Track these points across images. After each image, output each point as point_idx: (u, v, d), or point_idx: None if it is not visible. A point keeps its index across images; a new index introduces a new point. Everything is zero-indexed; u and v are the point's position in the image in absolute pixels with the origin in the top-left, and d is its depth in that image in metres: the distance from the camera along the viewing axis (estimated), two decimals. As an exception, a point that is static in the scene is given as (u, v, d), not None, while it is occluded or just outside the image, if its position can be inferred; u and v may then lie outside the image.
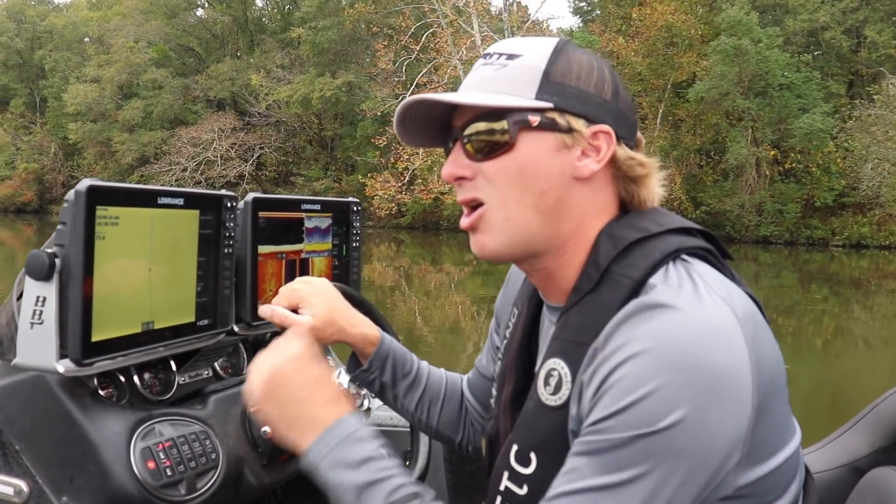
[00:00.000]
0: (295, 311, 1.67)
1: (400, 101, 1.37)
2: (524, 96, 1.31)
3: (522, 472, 1.30)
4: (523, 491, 1.28)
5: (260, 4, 58.47)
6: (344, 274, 2.45)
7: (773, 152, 34.87)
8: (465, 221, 1.38)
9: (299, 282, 1.74)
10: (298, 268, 2.25)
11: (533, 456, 1.29)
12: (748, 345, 1.12)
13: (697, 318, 1.12)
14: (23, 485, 1.70)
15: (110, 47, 53.99)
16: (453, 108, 1.40)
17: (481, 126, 1.33)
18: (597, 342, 1.19)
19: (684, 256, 1.27)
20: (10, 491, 1.70)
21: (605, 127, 1.33)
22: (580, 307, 1.30)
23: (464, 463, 2.53)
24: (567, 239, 1.34)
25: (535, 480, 1.26)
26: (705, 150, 37.74)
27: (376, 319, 1.87)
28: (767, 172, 35.02)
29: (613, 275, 1.27)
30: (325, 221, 2.36)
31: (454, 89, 1.46)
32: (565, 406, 1.25)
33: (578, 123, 1.31)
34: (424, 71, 39.53)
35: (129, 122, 51.47)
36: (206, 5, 56.61)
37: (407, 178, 38.70)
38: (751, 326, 1.16)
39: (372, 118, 42.41)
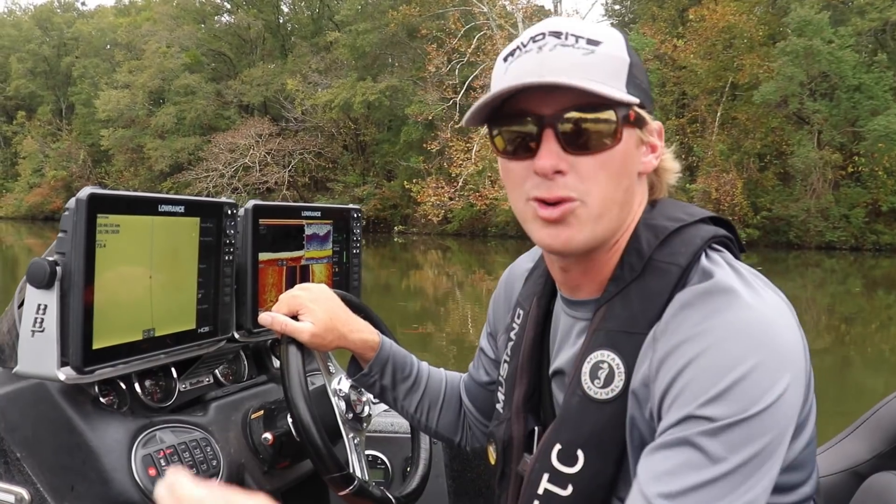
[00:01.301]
0: (295, 317, 1.73)
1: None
2: (619, 88, 1.29)
3: (567, 472, 1.31)
4: (567, 492, 1.30)
5: (285, 9, 58.42)
6: (344, 281, 2.52)
7: (835, 155, 34.36)
8: (548, 213, 1.31)
9: (299, 288, 1.79)
10: (299, 275, 2.31)
11: (580, 454, 1.30)
12: (797, 325, 1.23)
13: (763, 302, 1.20)
14: (24, 492, 1.74)
15: (141, 53, 54.45)
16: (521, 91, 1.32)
17: (586, 116, 1.28)
18: (656, 329, 1.23)
19: (715, 245, 1.33)
20: (11, 499, 1.75)
21: (660, 123, 1.39)
22: (624, 297, 1.32)
23: (465, 469, 2.58)
24: (623, 232, 1.37)
25: (581, 479, 1.28)
26: (765, 154, 37.39)
27: (376, 324, 1.92)
28: (831, 176, 34.58)
29: (658, 263, 1.31)
30: (325, 228, 2.42)
31: None
32: (618, 399, 1.27)
33: (648, 119, 1.35)
34: (477, 73, 39.35)
35: (162, 129, 51.75)
36: (237, 10, 56.61)
37: (460, 184, 38.48)
38: (792, 309, 1.26)
39: (416, 122, 42.15)
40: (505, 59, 1.35)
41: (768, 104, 35.03)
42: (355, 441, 1.85)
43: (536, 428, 1.50)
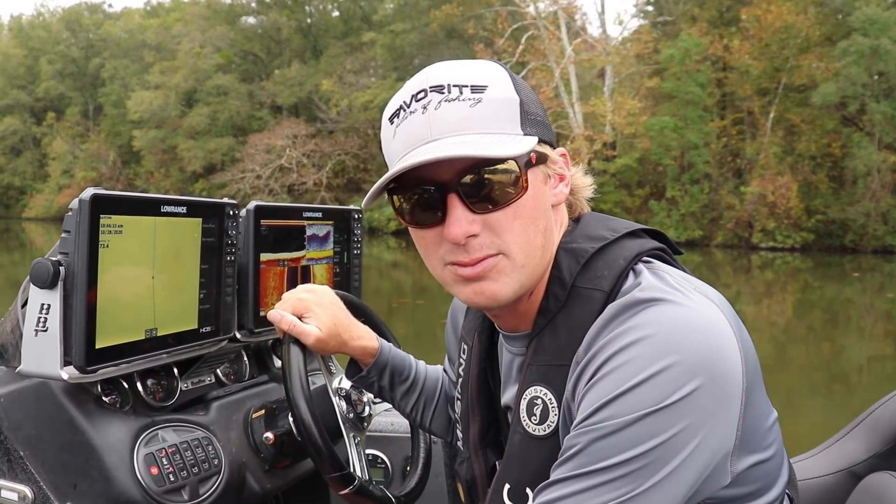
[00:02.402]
0: (299, 318, 1.79)
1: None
2: (514, 132, 1.30)
3: None
4: None
5: (309, 10, 58.72)
6: (345, 281, 2.58)
7: (893, 158, 33.88)
8: (468, 271, 1.31)
9: (305, 290, 1.85)
10: (300, 275, 2.38)
11: (529, 492, 1.32)
12: (733, 331, 1.22)
13: (686, 307, 1.20)
14: (27, 490, 1.80)
15: (174, 53, 55.05)
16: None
17: (488, 173, 1.27)
18: (577, 355, 1.25)
19: (645, 258, 1.34)
20: (14, 497, 1.81)
21: (563, 150, 1.40)
22: (552, 329, 1.34)
23: None
24: (546, 268, 1.38)
25: None
26: (820, 156, 36.93)
27: (376, 326, 2.01)
28: (889, 179, 33.94)
29: (581, 290, 1.32)
30: (326, 229, 2.48)
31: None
32: (556, 433, 1.30)
33: (549, 151, 1.36)
34: (524, 72, 39.33)
35: (195, 129, 52.14)
36: (268, 11, 57.00)
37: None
38: (730, 314, 1.26)
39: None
40: (391, 121, 1.35)
41: (825, 105, 34.59)
42: (356, 440, 1.90)
43: (497, 462, 1.52)
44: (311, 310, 1.79)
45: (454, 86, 1.28)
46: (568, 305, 1.33)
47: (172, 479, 1.86)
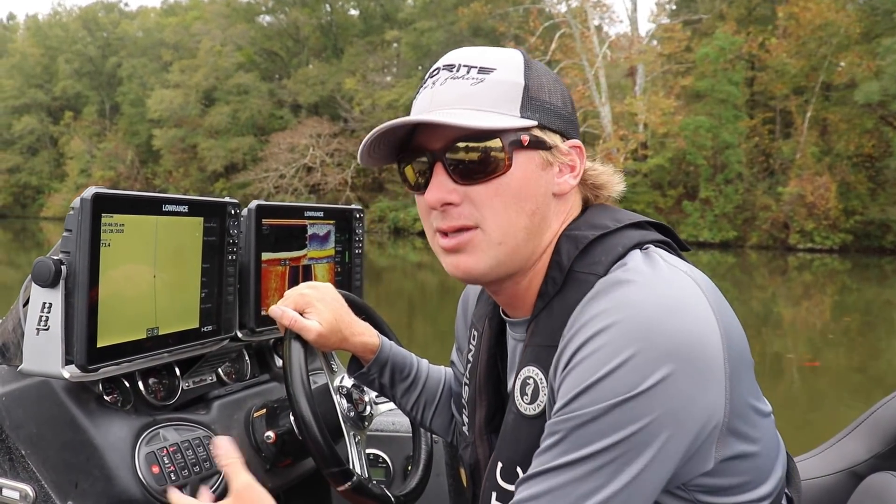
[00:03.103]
0: (301, 314, 1.84)
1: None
2: (510, 114, 1.37)
3: (511, 490, 1.38)
4: None
5: (328, 8, 59.00)
6: (346, 280, 2.62)
7: None
8: (446, 242, 1.41)
9: (307, 286, 1.91)
10: (301, 274, 2.42)
11: (519, 471, 1.37)
12: (714, 312, 1.24)
13: (659, 288, 1.24)
14: (28, 489, 1.83)
15: (193, 52, 55.55)
16: (415, 127, 1.43)
17: (471, 147, 1.36)
18: (563, 335, 1.29)
19: (646, 247, 1.38)
20: (15, 495, 1.84)
21: (578, 142, 1.45)
22: (548, 311, 1.39)
23: None
24: (541, 253, 1.44)
25: None
26: (858, 156, 36.76)
27: (378, 325, 2.05)
28: None
29: (577, 274, 1.37)
30: (327, 228, 2.53)
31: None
32: (543, 413, 1.35)
33: (556, 140, 1.41)
34: (556, 70, 39.35)
35: (215, 128, 52.47)
36: (290, 9, 57.33)
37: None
38: (714, 296, 1.28)
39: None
40: (415, 98, 1.45)
41: (866, 104, 34.39)
42: (356, 439, 1.94)
43: None
44: (312, 305, 1.84)
45: (464, 65, 1.39)
46: (564, 289, 1.38)
47: (174, 477, 1.89)
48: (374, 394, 2.11)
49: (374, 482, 1.84)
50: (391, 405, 2.28)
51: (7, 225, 58.59)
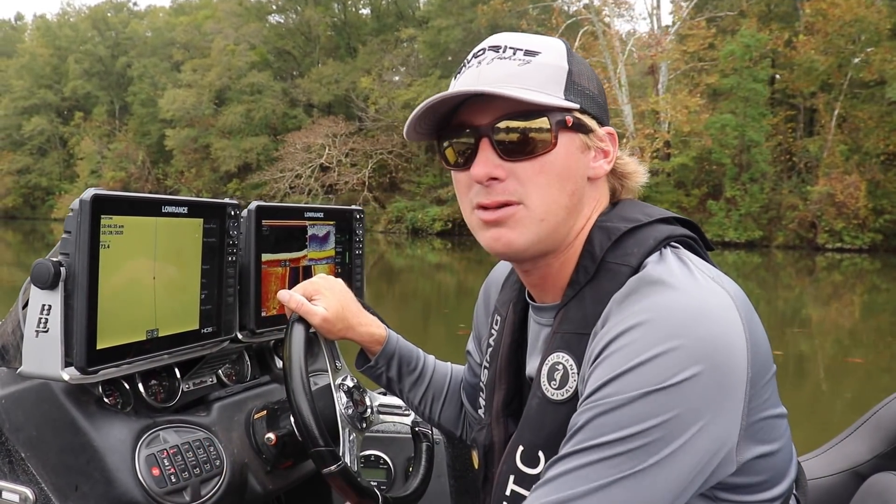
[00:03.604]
0: (310, 301, 1.91)
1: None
2: (555, 95, 1.43)
3: (531, 473, 1.43)
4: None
5: (338, 7, 59.15)
6: (346, 281, 2.56)
7: None
8: (488, 215, 1.45)
9: (318, 277, 1.99)
10: (301, 275, 2.45)
11: (541, 455, 1.42)
12: (742, 320, 1.28)
13: (694, 293, 1.28)
14: (28, 492, 1.86)
15: (205, 51, 55.79)
16: (460, 103, 1.48)
17: (519, 124, 1.42)
18: (596, 326, 1.35)
19: (673, 243, 1.43)
20: (15, 498, 1.87)
21: (612, 129, 1.52)
22: (579, 299, 1.45)
23: (467, 468, 2.67)
24: (575, 236, 1.49)
25: None
26: (888, 155, 36.60)
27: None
28: None
29: (610, 265, 1.43)
30: (328, 229, 2.56)
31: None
32: (572, 399, 1.39)
33: (594, 125, 1.48)
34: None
35: (229, 128, 52.59)
36: (303, 8, 57.51)
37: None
38: (743, 305, 1.33)
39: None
40: (455, 77, 1.50)
41: (895, 102, 34.20)
42: (351, 436, 1.95)
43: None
44: (320, 292, 1.92)
45: (510, 47, 1.45)
46: (596, 278, 1.44)
47: (174, 480, 1.91)
48: (377, 401, 2.14)
49: (364, 479, 1.85)
50: (392, 408, 2.31)
51: (17, 226, 58.83)
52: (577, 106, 1.44)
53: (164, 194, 8.09)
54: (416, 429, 2.27)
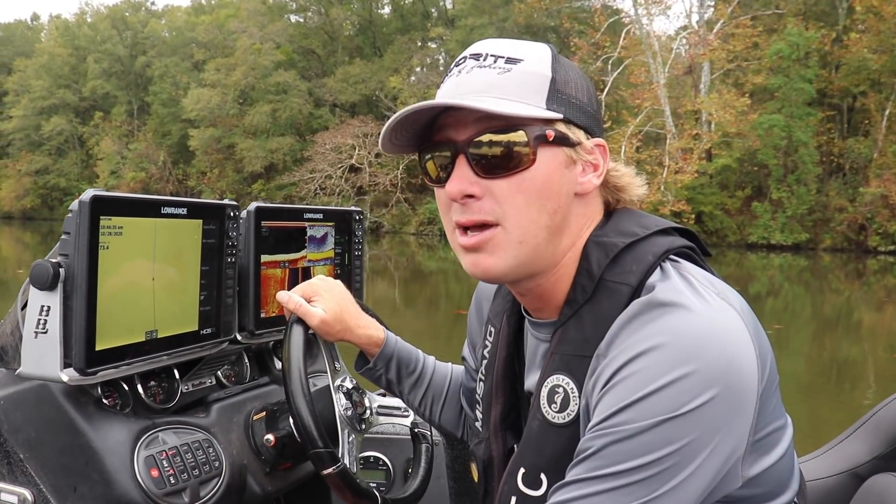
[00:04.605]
0: (308, 302, 1.96)
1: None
2: (535, 105, 1.41)
3: (532, 495, 1.45)
4: None
5: (358, 6, 59.31)
6: (346, 282, 2.61)
7: None
8: (465, 240, 1.44)
9: (317, 278, 2.05)
10: (301, 276, 2.51)
11: (543, 478, 1.44)
12: (751, 337, 1.31)
13: (704, 314, 1.29)
14: (27, 493, 1.91)
15: (226, 50, 56.04)
16: (438, 115, 1.46)
17: (496, 138, 1.39)
18: (599, 349, 1.35)
19: (672, 256, 1.44)
20: (14, 499, 1.91)
21: (602, 140, 1.51)
22: (577, 319, 1.45)
23: (466, 470, 2.70)
24: (563, 255, 1.49)
25: (546, 502, 1.35)
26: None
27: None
28: None
29: (609, 283, 1.43)
30: (327, 230, 2.62)
31: None
32: (574, 422, 1.41)
33: (581, 136, 1.46)
34: (621, 69, 39.26)
35: (254, 128, 52.71)
36: (324, 8, 57.74)
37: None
38: (749, 319, 1.35)
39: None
40: (438, 87, 1.50)
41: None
42: (349, 438, 2.01)
43: (515, 446, 1.61)
44: (319, 294, 1.98)
45: (491, 55, 1.43)
46: (595, 298, 1.44)
47: (173, 481, 1.96)
48: (376, 402, 2.19)
49: (363, 480, 1.90)
50: (391, 410, 2.37)
51: (35, 227, 59.08)
52: (559, 116, 1.42)
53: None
54: (416, 430, 2.33)
